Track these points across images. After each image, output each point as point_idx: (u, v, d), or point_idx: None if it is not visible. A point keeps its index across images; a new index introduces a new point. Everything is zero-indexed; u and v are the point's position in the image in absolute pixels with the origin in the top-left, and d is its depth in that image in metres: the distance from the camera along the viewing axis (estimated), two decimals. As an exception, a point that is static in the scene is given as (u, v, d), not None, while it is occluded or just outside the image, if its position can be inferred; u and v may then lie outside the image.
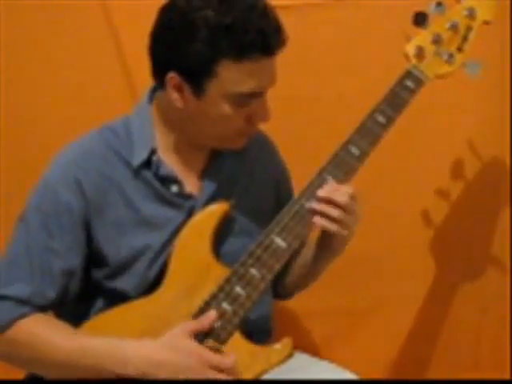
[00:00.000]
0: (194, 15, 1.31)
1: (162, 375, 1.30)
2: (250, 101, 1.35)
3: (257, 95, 1.36)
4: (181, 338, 1.32)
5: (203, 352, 1.32)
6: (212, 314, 1.35)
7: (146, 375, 1.30)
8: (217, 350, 1.34)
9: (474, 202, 1.80)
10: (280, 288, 1.59)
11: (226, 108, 1.35)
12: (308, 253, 1.52)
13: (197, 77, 1.33)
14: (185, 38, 1.31)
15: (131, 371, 1.31)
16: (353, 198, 1.36)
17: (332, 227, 1.36)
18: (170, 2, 1.37)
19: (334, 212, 1.35)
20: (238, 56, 1.30)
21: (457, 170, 1.78)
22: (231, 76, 1.32)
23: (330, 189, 1.36)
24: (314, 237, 1.50)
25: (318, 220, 1.36)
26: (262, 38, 1.30)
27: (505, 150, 1.75)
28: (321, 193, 1.36)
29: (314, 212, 1.36)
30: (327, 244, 1.44)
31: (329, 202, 1.35)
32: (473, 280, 1.82)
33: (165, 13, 1.37)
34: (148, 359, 1.31)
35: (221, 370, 1.31)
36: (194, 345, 1.32)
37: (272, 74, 1.37)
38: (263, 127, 1.46)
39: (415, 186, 1.81)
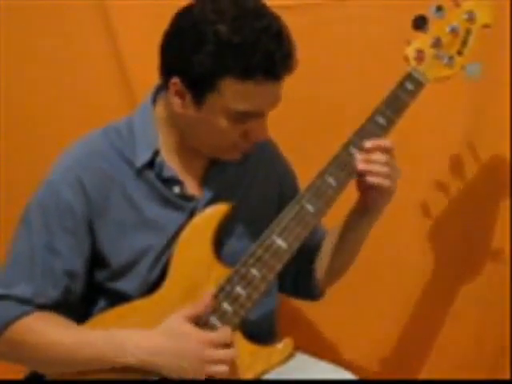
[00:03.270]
0: (206, 28, 1.30)
1: (162, 361, 1.31)
2: (247, 119, 1.35)
3: (255, 115, 1.35)
4: (177, 323, 1.33)
5: (200, 333, 1.32)
6: (207, 297, 1.35)
7: (145, 363, 1.31)
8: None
9: (473, 192, 1.80)
10: (311, 289, 1.58)
11: (223, 122, 1.35)
12: (332, 240, 1.52)
13: (198, 87, 1.33)
14: (192, 47, 1.31)
15: (131, 360, 1.32)
16: (391, 152, 1.38)
17: (385, 183, 1.37)
18: (187, 7, 1.36)
19: (381, 168, 1.37)
20: (241, 75, 1.30)
21: (456, 165, 1.78)
22: (232, 93, 1.32)
23: (369, 149, 1.37)
24: (331, 225, 1.51)
25: (372, 179, 1.37)
26: (268, 62, 1.30)
27: (505, 145, 1.75)
28: (359, 156, 1.37)
29: (364, 172, 1.37)
30: (372, 205, 1.43)
31: (370, 161, 1.37)
32: (473, 276, 1.82)
33: (180, 17, 1.36)
34: (147, 347, 1.32)
35: (220, 346, 1.31)
36: (190, 327, 1.32)
37: (274, 98, 1.36)
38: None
39: (414, 180, 1.81)
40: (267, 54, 1.29)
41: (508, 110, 1.73)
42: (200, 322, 1.35)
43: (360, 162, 1.37)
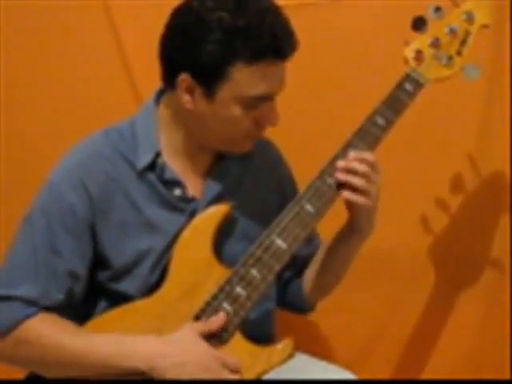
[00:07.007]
0: (209, 16, 1.31)
1: (170, 368, 1.31)
2: (260, 104, 1.36)
3: (267, 99, 1.36)
4: (190, 334, 1.33)
5: (212, 348, 1.33)
6: (221, 316, 1.35)
7: (154, 368, 1.31)
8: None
9: (473, 207, 1.81)
10: (299, 302, 1.58)
11: (237, 110, 1.35)
12: (321, 255, 1.51)
13: (209, 79, 1.34)
14: (198, 39, 1.31)
15: (140, 364, 1.31)
16: (373, 166, 1.36)
17: (359, 199, 1.35)
18: (183, 4, 1.37)
19: (358, 181, 1.34)
20: (251, 59, 1.31)
21: (456, 178, 1.79)
22: (244, 79, 1.32)
23: (349, 158, 1.36)
24: (327, 239, 1.51)
25: (346, 193, 1.35)
26: (275, 42, 1.31)
27: (505, 159, 1.76)
28: (340, 163, 1.36)
29: (340, 185, 1.35)
30: (355, 223, 1.42)
31: (349, 171, 1.35)
32: (474, 281, 1.83)
33: (178, 14, 1.37)
34: (156, 352, 1.32)
35: (229, 369, 1.33)
36: (202, 341, 1.33)
37: (283, 78, 1.37)
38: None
39: (415, 192, 1.82)
40: (273, 34, 1.30)
41: (508, 124, 1.74)
42: (210, 339, 1.35)
43: (339, 171, 1.36)
